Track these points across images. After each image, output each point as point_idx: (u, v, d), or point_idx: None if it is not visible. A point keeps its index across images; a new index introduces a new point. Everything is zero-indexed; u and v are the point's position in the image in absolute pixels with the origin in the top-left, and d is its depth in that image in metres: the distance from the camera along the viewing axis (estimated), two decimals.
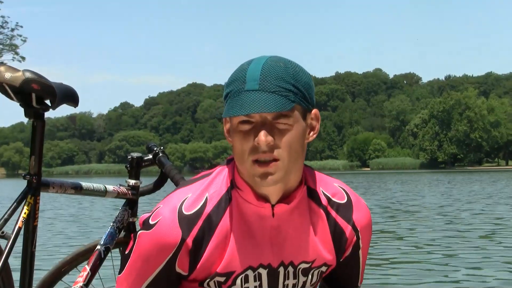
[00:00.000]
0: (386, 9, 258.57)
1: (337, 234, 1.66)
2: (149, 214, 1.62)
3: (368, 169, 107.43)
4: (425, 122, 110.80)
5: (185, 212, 1.56)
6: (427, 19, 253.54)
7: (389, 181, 41.75)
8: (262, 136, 1.45)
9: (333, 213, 1.65)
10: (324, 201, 1.65)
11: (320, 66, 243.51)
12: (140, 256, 1.60)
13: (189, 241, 1.55)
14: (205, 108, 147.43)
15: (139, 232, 1.63)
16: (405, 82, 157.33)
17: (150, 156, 2.83)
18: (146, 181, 2.81)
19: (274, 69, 1.48)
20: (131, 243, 1.66)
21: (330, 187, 1.68)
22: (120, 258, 2.70)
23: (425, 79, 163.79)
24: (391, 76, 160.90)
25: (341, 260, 1.70)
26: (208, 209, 1.57)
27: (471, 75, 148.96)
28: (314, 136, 1.59)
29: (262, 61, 1.50)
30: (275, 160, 1.47)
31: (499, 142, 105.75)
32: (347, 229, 1.66)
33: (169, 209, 1.58)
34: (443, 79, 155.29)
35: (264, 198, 1.57)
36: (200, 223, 1.56)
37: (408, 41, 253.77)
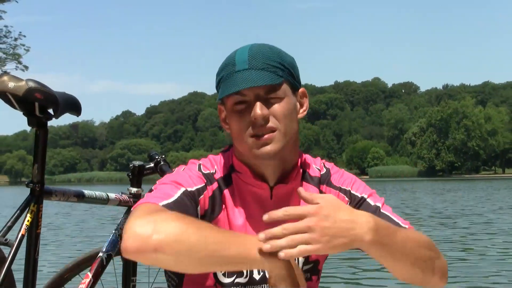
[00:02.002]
0: (385, 19, 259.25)
1: None
2: None
3: (367, 177, 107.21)
4: (423, 130, 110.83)
5: (203, 171, 1.61)
6: (425, 29, 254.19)
7: (391, 189, 41.69)
8: (258, 109, 1.49)
9: (322, 187, 1.68)
10: (316, 179, 1.68)
11: (319, 75, 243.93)
12: (173, 175, 1.57)
13: (210, 189, 1.59)
14: (206, 117, 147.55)
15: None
16: (403, 91, 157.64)
17: (152, 164, 2.83)
18: (147, 189, 2.80)
19: (261, 50, 1.54)
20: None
21: (317, 165, 1.72)
22: (122, 265, 2.70)
23: (423, 88, 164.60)
24: (389, 85, 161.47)
25: None
26: (217, 176, 1.62)
27: (468, 84, 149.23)
28: (304, 113, 1.63)
29: (248, 46, 1.56)
30: (272, 131, 1.51)
31: (496, 151, 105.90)
32: (331, 192, 1.66)
33: (189, 164, 1.65)
34: (441, 88, 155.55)
35: (262, 179, 1.61)
36: (216, 183, 1.61)
37: (406, 51, 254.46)
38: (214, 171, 1.62)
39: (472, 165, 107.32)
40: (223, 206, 1.60)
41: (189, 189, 1.52)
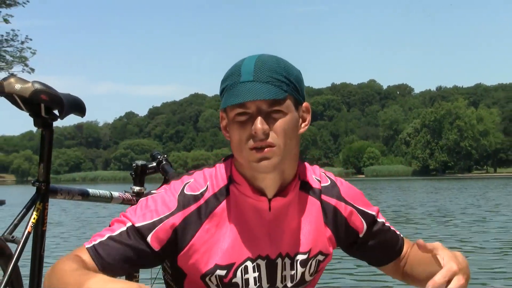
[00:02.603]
0: (380, 23, 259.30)
1: (333, 216, 1.65)
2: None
3: (363, 176, 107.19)
4: (417, 131, 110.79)
5: (186, 192, 1.57)
6: (419, 33, 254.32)
7: (388, 188, 41.67)
8: (259, 124, 1.45)
9: (324, 197, 1.64)
10: (316, 190, 1.64)
11: (316, 77, 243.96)
12: (133, 209, 1.56)
13: (179, 217, 1.54)
14: (206, 118, 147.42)
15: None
16: (398, 93, 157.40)
17: (154, 164, 2.83)
18: (150, 188, 2.79)
19: (267, 63, 1.49)
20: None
21: (317, 175, 1.68)
22: None
23: (417, 90, 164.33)
24: (385, 87, 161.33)
25: (369, 240, 1.70)
26: (207, 195, 1.57)
27: (461, 86, 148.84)
28: (306, 127, 1.59)
29: (255, 57, 1.52)
30: (271, 146, 1.47)
31: (488, 150, 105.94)
32: (341, 206, 1.65)
33: (172, 186, 1.60)
34: (435, 90, 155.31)
35: (260, 192, 1.57)
36: (196, 205, 1.56)
37: (401, 54, 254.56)
38: (204, 189, 1.58)
39: (464, 164, 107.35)
40: (206, 225, 1.56)
41: (137, 224, 1.51)
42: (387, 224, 1.73)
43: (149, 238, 1.50)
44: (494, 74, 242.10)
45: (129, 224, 1.51)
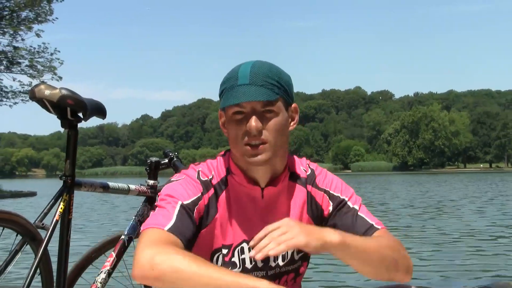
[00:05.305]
0: (365, 36, 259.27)
1: (313, 203, 1.63)
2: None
3: (350, 171, 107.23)
4: (397, 131, 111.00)
5: (201, 178, 1.57)
6: (399, 44, 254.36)
7: (374, 181, 41.57)
8: (253, 122, 1.45)
9: (308, 186, 1.64)
10: (303, 179, 1.64)
11: (309, 84, 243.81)
12: (172, 189, 1.51)
13: (206, 198, 1.54)
14: (212, 120, 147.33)
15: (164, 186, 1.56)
16: (380, 98, 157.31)
17: (166, 160, 2.82)
18: (163, 181, 2.79)
19: (262, 68, 1.49)
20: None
21: (304, 166, 1.67)
22: None
23: (397, 96, 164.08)
24: (369, 93, 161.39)
25: (333, 221, 1.60)
26: (214, 182, 1.58)
27: (435, 92, 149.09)
28: (294, 125, 1.59)
29: (250, 63, 1.51)
30: (264, 143, 1.47)
31: (459, 149, 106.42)
32: (315, 192, 1.64)
33: (189, 171, 1.59)
34: (412, 95, 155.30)
35: (254, 182, 1.57)
36: (212, 190, 1.56)
37: (383, 64, 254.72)
38: (211, 177, 1.58)
39: (438, 161, 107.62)
40: (219, 208, 1.56)
41: (185, 202, 1.47)
42: (359, 210, 1.61)
43: (194, 214, 1.49)
44: (464, 82, 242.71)
45: (180, 202, 1.47)
